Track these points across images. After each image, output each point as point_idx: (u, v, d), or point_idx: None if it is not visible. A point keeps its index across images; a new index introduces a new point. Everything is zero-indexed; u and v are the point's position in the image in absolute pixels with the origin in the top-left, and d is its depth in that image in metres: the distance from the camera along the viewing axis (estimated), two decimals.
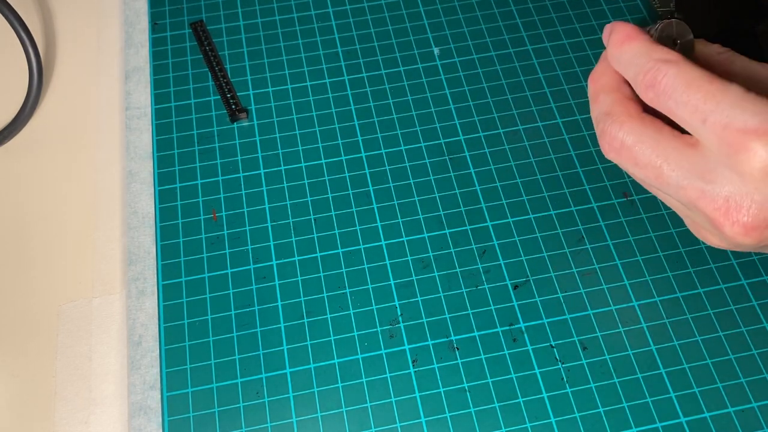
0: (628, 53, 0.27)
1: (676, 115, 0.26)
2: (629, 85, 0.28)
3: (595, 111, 0.29)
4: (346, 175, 0.42)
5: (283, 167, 0.42)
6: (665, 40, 0.29)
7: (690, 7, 0.47)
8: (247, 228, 0.40)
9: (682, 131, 0.26)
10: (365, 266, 0.39)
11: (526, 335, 0.37)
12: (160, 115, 0.44)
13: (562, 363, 0.36)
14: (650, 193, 0.37)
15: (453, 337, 0.37)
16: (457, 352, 0.36)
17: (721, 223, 0.25)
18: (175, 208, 0.41)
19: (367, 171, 0.42)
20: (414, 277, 0.38)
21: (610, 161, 0.31)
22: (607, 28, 0.29)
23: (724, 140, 0.24)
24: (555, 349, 0.36)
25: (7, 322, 0.38)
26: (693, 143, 0.26)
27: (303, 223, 0.40)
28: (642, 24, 0.47)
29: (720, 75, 0.25)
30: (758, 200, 0.24)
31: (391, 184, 0.41)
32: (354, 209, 0.41)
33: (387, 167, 0.42)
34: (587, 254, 0.39)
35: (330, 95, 0.45)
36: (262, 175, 0.42)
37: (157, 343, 0.37)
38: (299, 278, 0.38)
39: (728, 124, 0.24)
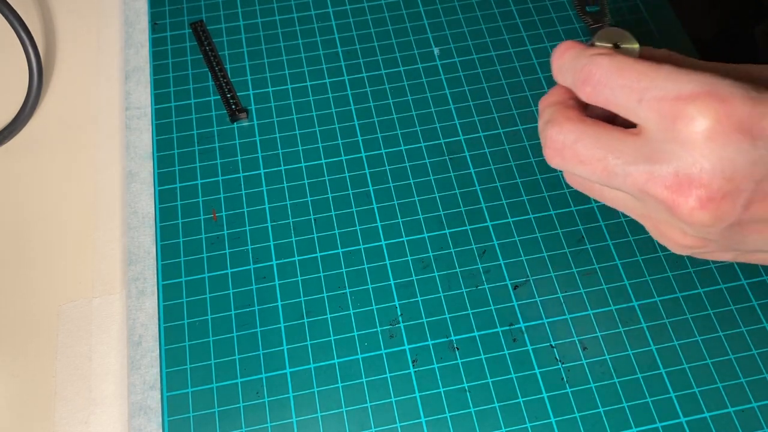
0: (566, 61, 0.27)
1: (613, 103, 0.26)
2: (573, 101, 0.28)
3: (539, 124, 0.29)
4: (346, 175, 0.42)
5: (283, 167, 0.42)
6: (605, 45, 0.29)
7: (689, 7, 0.47)
8: (247, 228, 0.40)
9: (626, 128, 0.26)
10: (365, 266, 0.39)
11: (526, 335, 0.37)
12: (160, 115, 0.44)
13: (562, 363, 0.36)
14: None
15: (453, 337, 0.37)
16: (457, 352, 0.36)
17: (675, 202, 0.24)
18: (175, 208, 0.41)
19: (367, 171, 0.42)
20: (414, 277, 0.38)
21: None
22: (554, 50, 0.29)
23: (661, 113, 0.24)
24: (555, 349, 0.36)
25: (7, 322, 0.38)
26: (635, 132, 0.25)
27: (303, 223, 0.40)
28: (641, 23, 0.47)
29: None
30: (707, 168, 0.23)
31: (391, 184, 0.41)
32: (354, 209, 0.41)
33: (387, 167, 0.42)
34: (587, 254, 0.39)
35: (330, 95, 0.45)
36: (262, 175, 0.42)
37: (157, 343, 0.37)
38: (299, 278, 0.38)
39: (663, 97, 0.24)
